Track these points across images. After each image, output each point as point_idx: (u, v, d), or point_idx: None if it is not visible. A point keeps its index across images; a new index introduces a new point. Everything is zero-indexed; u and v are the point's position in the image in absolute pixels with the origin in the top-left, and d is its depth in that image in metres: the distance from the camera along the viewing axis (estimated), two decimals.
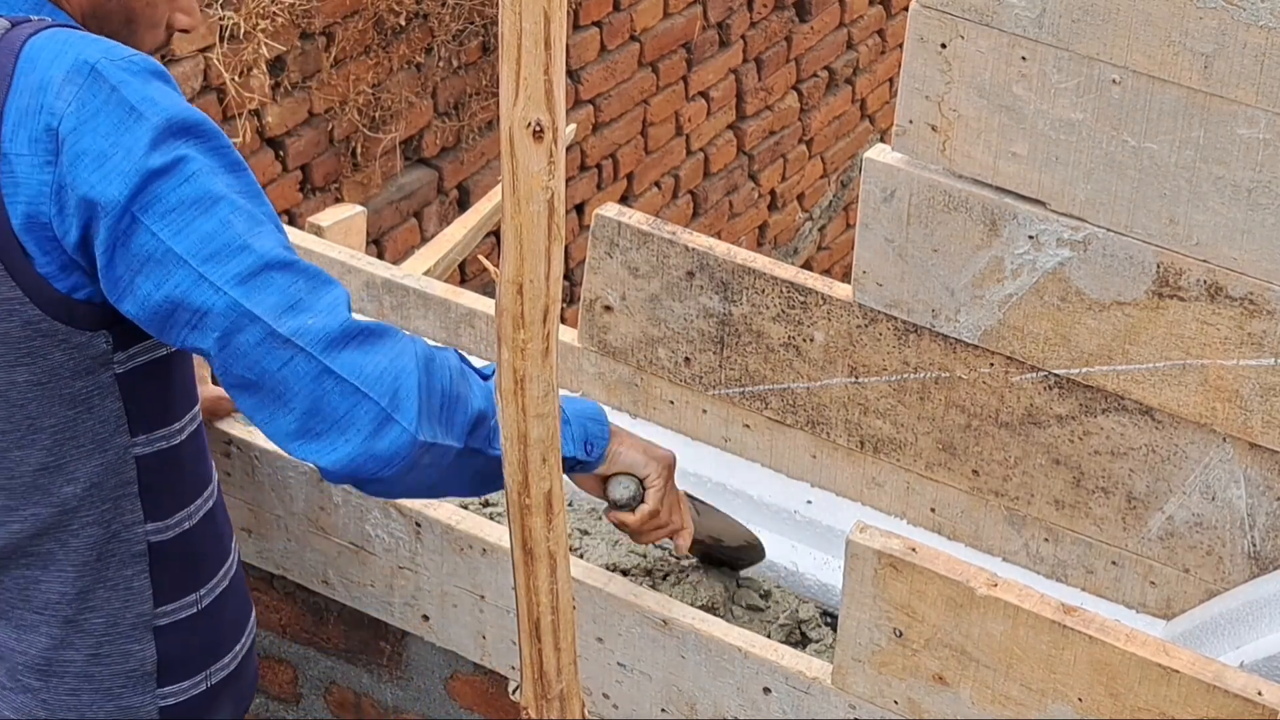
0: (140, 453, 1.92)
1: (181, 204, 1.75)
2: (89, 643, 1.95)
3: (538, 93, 1.62)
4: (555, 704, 2.03)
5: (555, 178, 1.68)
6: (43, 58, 1.75)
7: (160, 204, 1.74)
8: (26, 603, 1.94)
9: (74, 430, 1.87)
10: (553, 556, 1.94)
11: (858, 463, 2.52)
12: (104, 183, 1.73)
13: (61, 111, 1.73)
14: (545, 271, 1.73)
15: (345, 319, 1.78)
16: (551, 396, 1.83)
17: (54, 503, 1.89)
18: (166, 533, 1.97)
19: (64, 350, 1.83)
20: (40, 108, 1.74)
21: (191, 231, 1.75)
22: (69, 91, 1.74)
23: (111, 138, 1.73)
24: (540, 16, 1.59)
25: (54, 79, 1.74)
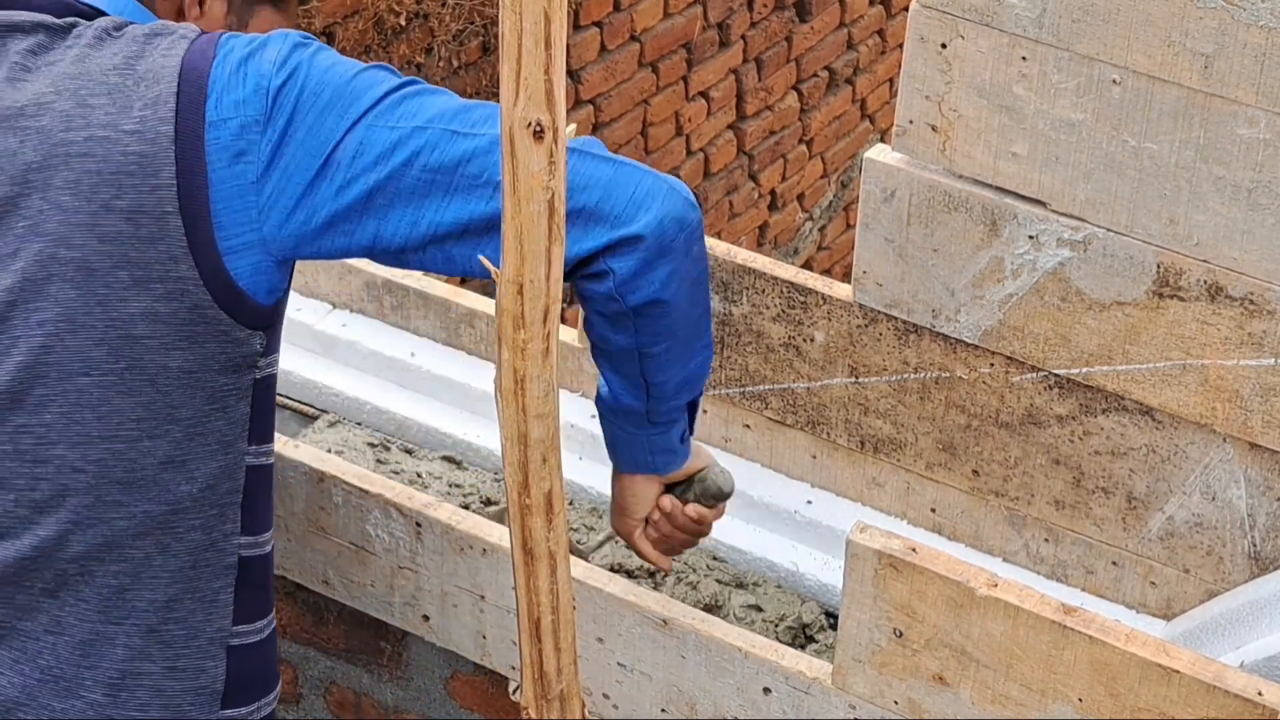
0: (251, 463, 1.94)
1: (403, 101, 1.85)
2: (167, 655, 1.94)
3: (538, 93, 1.62)
4: (555, 704, 2.03)
5: (556, 178, 1.68)
6: (239, 42, 1.84)
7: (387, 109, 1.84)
8: (105, 615, 1.91)
9: (205, 427, 1.88)
10: (553, 556, 1.94)
11: (858, 463, 2.52)
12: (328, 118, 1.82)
13: (269, 73, 1.81)
14: (546, 272, 1.73)
15: None
16: (552, 396, 1.83)
17: (168, 500, 1.89)
18: (255, 549, 1.98)
19: (219, 343, 1.84)
20: (245, 74, 1.81)
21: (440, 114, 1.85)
22: (270, 54, 1.82)
23: (328, 81, 1.83)
24: (540, 16, 1.59)
25: (254, 54, 1.82)
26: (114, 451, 1.86)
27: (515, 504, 1.92)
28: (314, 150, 1.81)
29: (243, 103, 1.80)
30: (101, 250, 1.79)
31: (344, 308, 2.82)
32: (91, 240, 1.79)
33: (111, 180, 1.78)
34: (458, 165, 1.83)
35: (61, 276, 1.80)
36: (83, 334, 1.81)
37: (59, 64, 1.83)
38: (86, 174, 1.78)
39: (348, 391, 2.74)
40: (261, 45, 1.83)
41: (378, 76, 1.85)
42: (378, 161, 1.82)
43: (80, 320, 1.81)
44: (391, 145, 1.82)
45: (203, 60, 1.81)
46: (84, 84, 1.81)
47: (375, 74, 1.85)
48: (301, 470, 2.31)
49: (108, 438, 1.85)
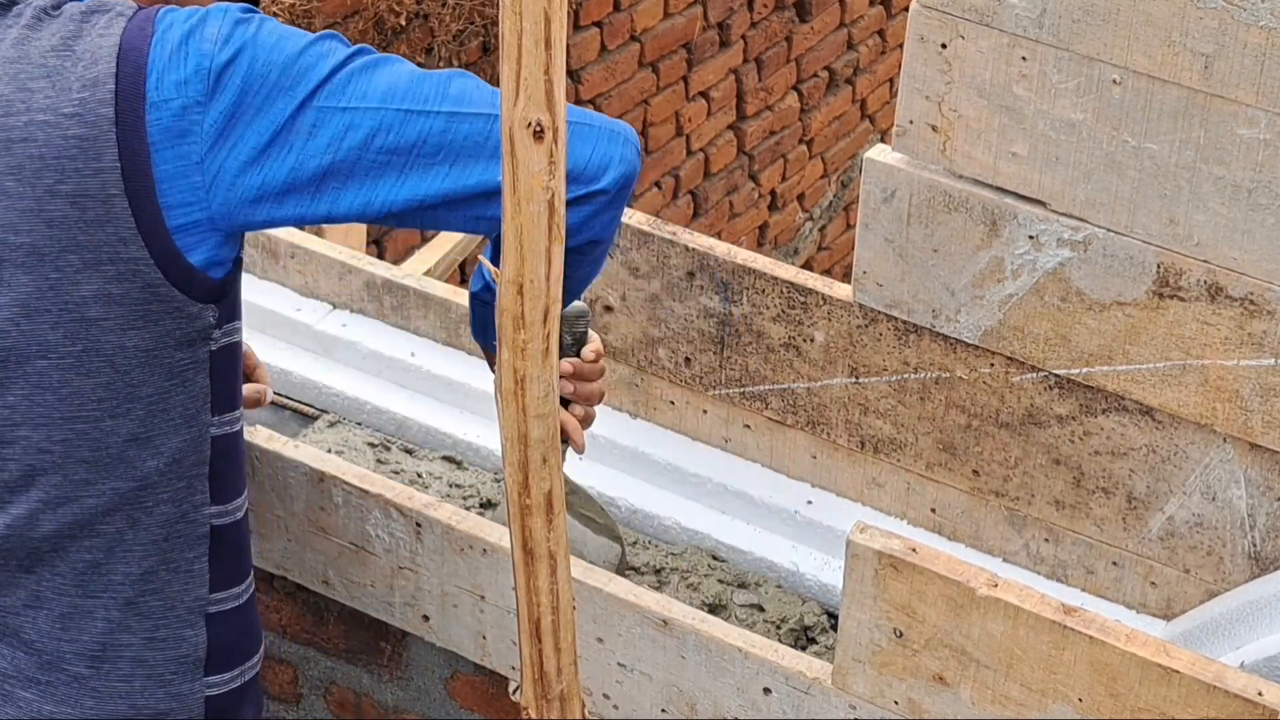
0: (215, 433, 1.94)
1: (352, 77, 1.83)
2: (146, 626, 1.96)
3: (538, 93, 1.62)
4: (555, 704, 2.03)
5: (556, 178, 1.68)
6: (179, 16, 1.81)
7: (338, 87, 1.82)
8: (81, 589, 1.93)
9: (167, 402, 1.88)
10: (553, 557, 1.94)
11: (858, 463, 2.52)
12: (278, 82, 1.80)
13: (210, 52, 1.79)
14: (545, 272, 1.73)
15: None
16: (551, 396, 1.83)
17: (135, 476, 1.90)
18: (226, 518, 1.99)
19: (174, 319, 1.84)
20: (186, 54, 1.79)
21: (408, 89, 1.83)
22: (210, 32, 1.79)
23: (279, 48, 1.81)
24: (540, 17, 1.59)
25: (194, 31, 1.80)
26: (78, 431, 1.87)
27: (515, 504, 1.92)
28: (262, 129, 1.80)
29: (184, 83, 1.78)
30: (49, 235, 1.79)
31: (344, 308, 2.82)
32: (39, 225, 1.79)
33: (54, 165, 1.78)
34: (413, 146, 1.83)
35: (13, 262, 1.80)
36: (37, 318, 1.82)
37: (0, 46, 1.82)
38: (29, 159, 1.78)
39: (348, 391, 2.74)
40: (201, 21, 1.81)
41: (325, 49, 1.83)
42: (330, 144, 1.81)
43: (34, 305, 1.81)
44: (344, 128, 1.81)
45: (141, 39, 1.80)
46: (23, 68, 1.79)
47: (322, 46, 1.84)
48: (302, 470, 2.31)
49: (71, 418, 1.86)
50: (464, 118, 1.83)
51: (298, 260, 2.83)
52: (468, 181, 1.85)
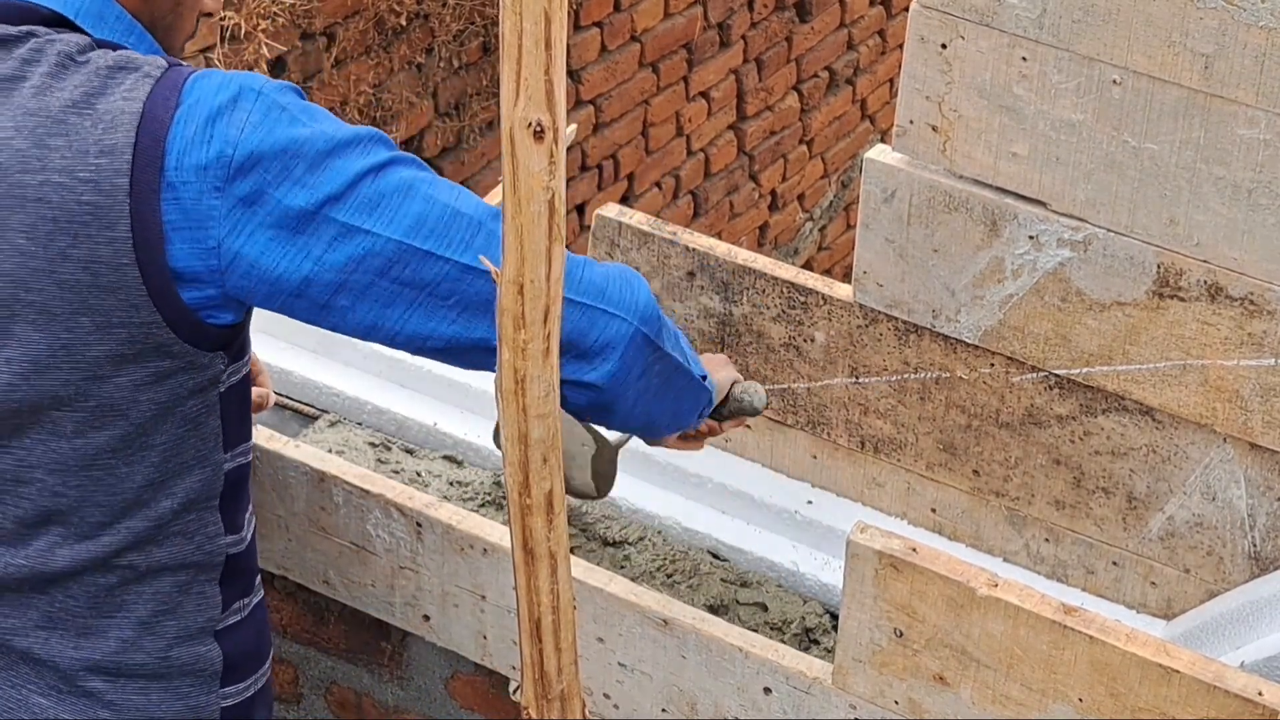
0: (228, 467, 1.94)
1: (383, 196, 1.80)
2: (160, 645, 1.96)
3: (538, 93, 1.63)
4: (556, 704, 2.03)
5: (556, 178, 1.68)
6: (205, 94, 1.76)
7: (361, 200, 1.80)
8: (95, 610, 1.93)
9: (181, 448, 1.88)
10: (553, 556, 1.94)
11: (858, 463, 2.52)
12: (292, 190, 1.77)
13: (235, 139, 1.74)
14: (546, 272, 1.73)
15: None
16: (552, 396, 1.83)
17: (151, 517, 1.90)
18: (241, 544, 2.00)
19: (187, 373, 1.83)
20: (210, 137, 1.75)
21: (419, 222, 1.81)
22: (239, 118, 1.75)
23: (291, 149, 1.77)
24: (541, 17, 1.59)
25: (219, 111, 1.76)
26: (93, 478, 1.87)
27: (516, 504, 1.92)
28: (282, 228, 1.77)
29: (205, 169, 1.75)
30: (61, 296, 1.77)
31: None
32: (50, 286, 1.77)
33: (67, 228, 1.75)
34: (427, 285, 1.82)
35: (24, 319, 1.78)
36: (50, 374, 1.80)
37: (17, 92, 1.77)
38: (42, 220, 1.75)
39: (348, 391, 2.74)
40: (232, 102, 1.76)
41: (362, 149, 1.79)
42: (348, 264, 1.79)
43: (45, 362, 1.80)
44: (365, 252, 1.79)
45: (164, 109, 1.75)
46: (42, 121, 1.76)
47: (360, 146, 1.79)
48: (302, 470, 2.31)
49: (86, 466, 1.86)
50: (483, 274, 1.82)
51: None
52: (473, 334, 1.85)
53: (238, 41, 4.66)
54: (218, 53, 4.60)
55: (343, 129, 1.80)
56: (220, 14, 4.57)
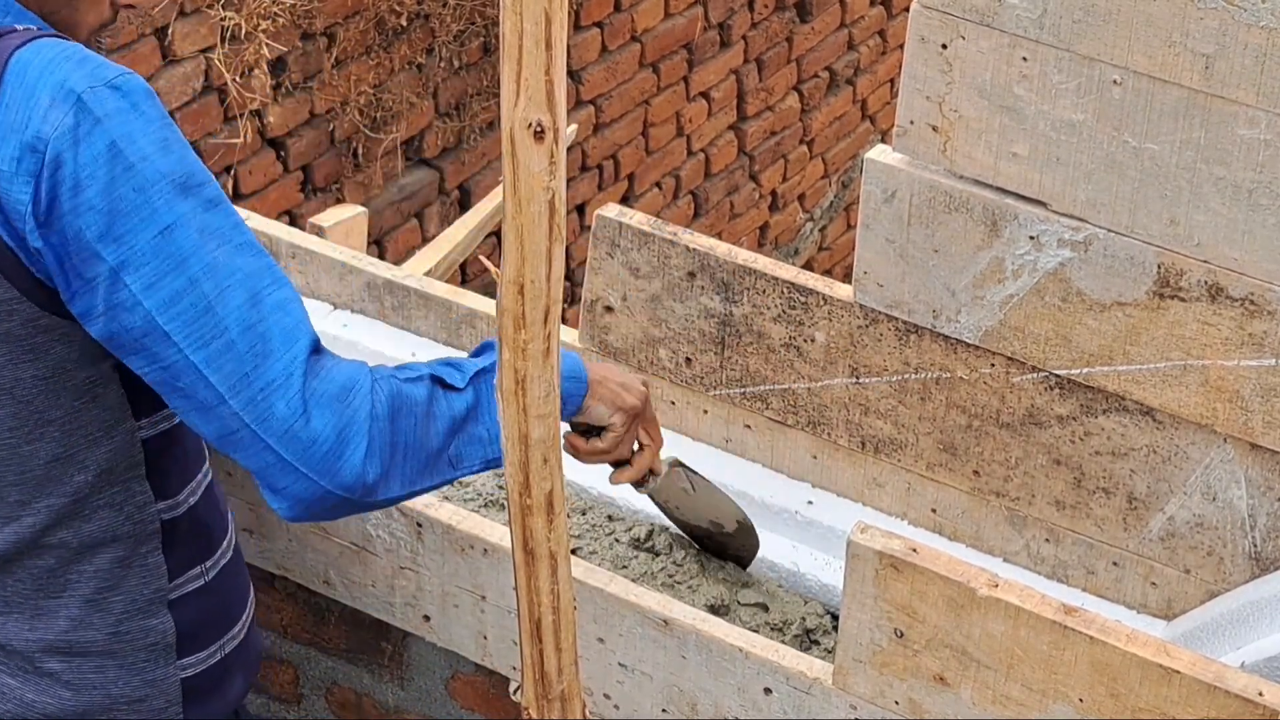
0: (146, 435, 1.94)
1: (159, 266, 1.75)
2: (109, 621, 1.97)
3: (539, 93, 1.63)
4: (556, 704, 2.03)
5: (556, 178, 1.68)
6: (30, 73, 1.74)
7: (140, 265, 1.75)
8: (41, 591, 1.95)
9: (82, 420, 1.88)
10: (554, 557, 1.94)
11: (859, 463, 2.52)
12: (85, 222, 1.74)
13: (48, 136, 1.72)
14: (546, 272, 1.73)
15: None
16: (552, 397, 1.83)
17: (67, 492, 1.90)
18: (177, 509, 1.99)
19: (66, 344, 1.83)
20: (25, 124, 1.73)
21: (172, 302, 1.76)
22: (54, 117, 1.73)
23: (96, 178, 1.73)
24: (541, 17, 1.59)
25: (40, 101, 1.73)
26: (0, 460, 1.87)
27: (516, 504, 1.92)
28: (80, 256, 1.75)
29: (17, 159, 1.72)
30: None
31: (345, 308, 2.82)
32: None
33: None
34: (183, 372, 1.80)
35: None
36: None
37: None
38: None
39: None
40: (62, 84, 1.72)
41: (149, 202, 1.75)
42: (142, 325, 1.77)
43: None
44: (145, 327, 1.77)
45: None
46: None
47: (150, 198, 1.75)
48: None
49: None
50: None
51: (299, 260, 2.83)
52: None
53: (238, 41, 4.66)
54: (218, 53, 4.60)
55: (154, 170, 1.75)
56: (221, 15, 4.57)
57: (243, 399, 1.79)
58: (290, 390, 1.79)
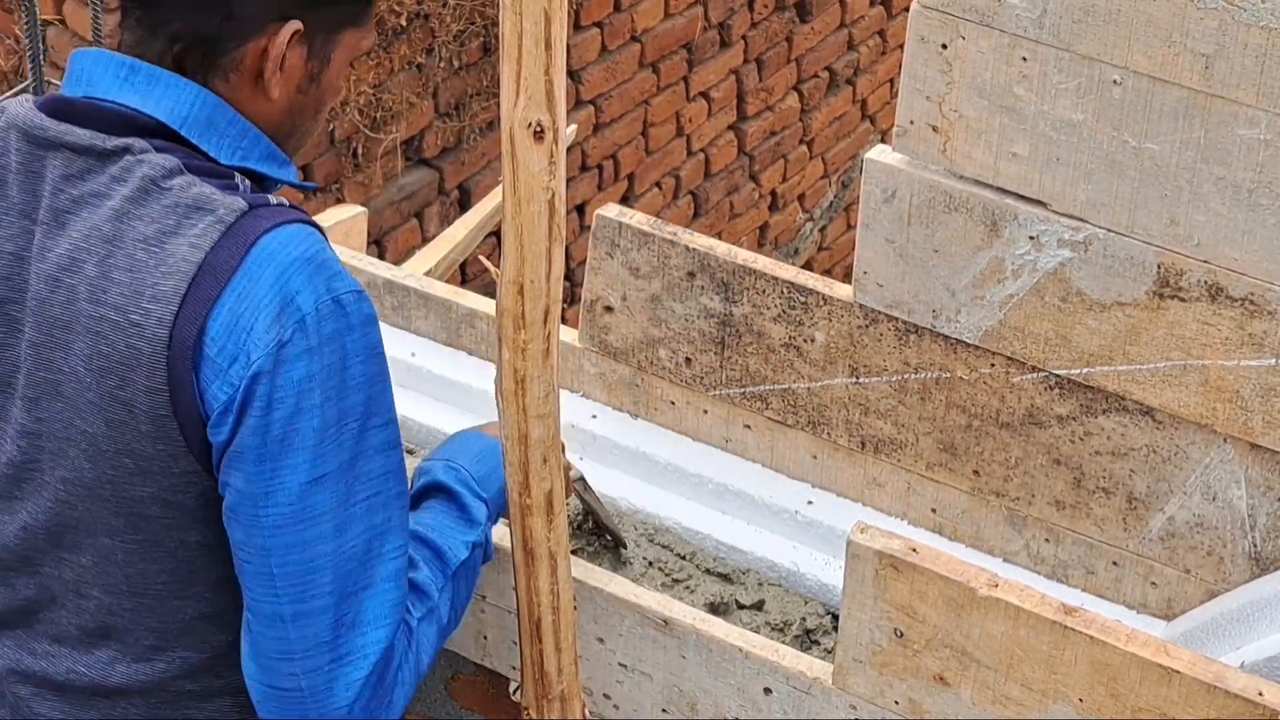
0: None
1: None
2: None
3: (538, 93, 1.63)
4: (556, 704, 2.03)
5: (556, 178, 1.68)
6: (268, 270, 1.73)
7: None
8: (155, 716, 1.92)
9: (233, 583, 1.85)
10: (553, 557, 1.94)
11: (858, 463, 2.52)
12: (255, 440, 1.74)
13: (261, 350, 1.72)
14: (546, 272, 1.73)
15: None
16: (552, 397, 1.83)
17: (206, 649, 1.89)
18: None
19: None
20: (249, 328, 1.72)
21: (288, 550, 1.77)
22: (275, 332, 1.72)
23: (284, 403, 1.73)
24: (541, 17, 1.59)
25: (268, 306, 1.72)
26: (145, 605, 1.86)
27: (515, 504, 1.92)
28: (258, 473, 1.75)
29: (226, 365, 1.73)
30: (108, 435, 1.77)
31: None
32: (99, 422, 1.77)
33: (118, 368, 1.74)
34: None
35: (77, 445, 1.79)
36: (99, 504, 1.81)
37: (98, 211, 1.76)
38: (98, 354, 1.75)
39: None
40: (292, 296, 1.73)
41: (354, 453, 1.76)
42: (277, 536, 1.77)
43: (95, 491, 1.80)
44: (251, 552, 1.77)
45: (224, 268, 1.73)
46: (113, 250, 1.74)
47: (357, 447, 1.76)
48: None
49: (137, 593, 1.85)
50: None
51: None
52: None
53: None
54: None
55: (357, 396, 1.77)
56: None
57: (311, 661, 1.79)
58: (357, 671, 1.80)
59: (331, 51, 1.86)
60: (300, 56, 1.83)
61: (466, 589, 2.00)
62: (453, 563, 1.96)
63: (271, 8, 1.79)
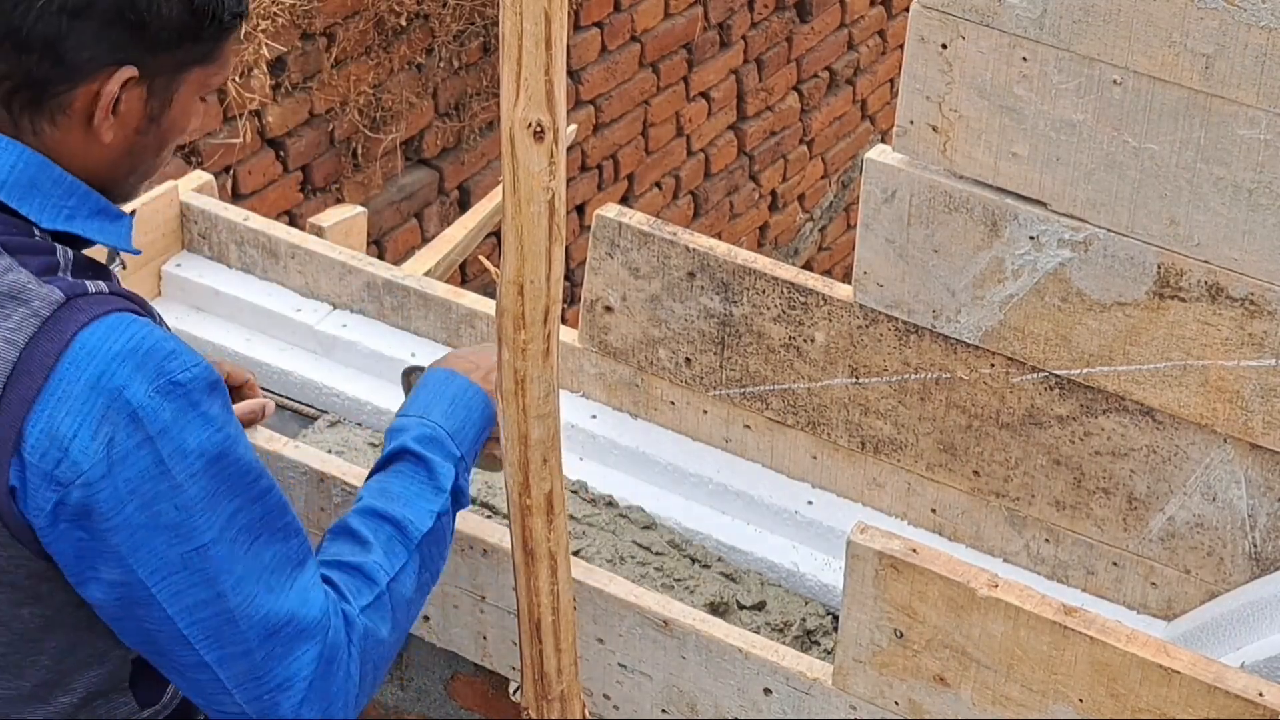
0: (134, 655, 1.89)
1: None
2: None
3: (538, 93, 1.63)
4: (556, 704, 2.03)
5: (556, 178, 1.68)
6: (89, 367, 1.67)
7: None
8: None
9: (75, 649, 1.83)
10: (553, 557, 1.94)
11: (858, 463, 2.52)
12: (118, 538, 1.71)
13: (90, 458, 1.67)
14: (546, 272, 1.73)
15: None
16: (552, 397, 1.83)
17: (51, 712, 1.86)
18: (163, 711, 1.96)
19: (69, 591, 1.78)
20: (73, 433, 1.67)
21: (195, 610, 1.75)
22: (103, 432, 1.67)
23: (137, 495, 1.69)
24: (541, 17, 1.59)
25: (93, 407, 1.66)
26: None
27: (516, 505, 1.92)
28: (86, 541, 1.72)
29: (46, 476, 1.67)
30: None
31: (344, 308, 2.82)
32: None
33: None
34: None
35: None
36: None
37: None
38: None
39: (348, 392, 2.74)
40: (119, 392, 1.66)
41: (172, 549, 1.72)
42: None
43: None
44: (160, 624, 1.75)
45: (40, 368, 1.65)
46: None
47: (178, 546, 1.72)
48: (302, 471, 2.31)
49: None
50: None
51: (298, 260, 2.83)
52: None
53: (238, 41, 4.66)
54: None
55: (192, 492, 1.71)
56: None
57: (248, 692, 1.78)
58: (296, 689, 1.79)
59: (175, 92, 1.78)
60: (139, 99, 1.75)
61: (438, 554, 1.98)
62: (415, 536, 1.94)
63: (104, 53, 1.71)
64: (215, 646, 1.76)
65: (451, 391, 2.06)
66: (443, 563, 2.00)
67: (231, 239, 2.87)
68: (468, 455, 2.03)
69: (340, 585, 1.87)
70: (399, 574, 1.91)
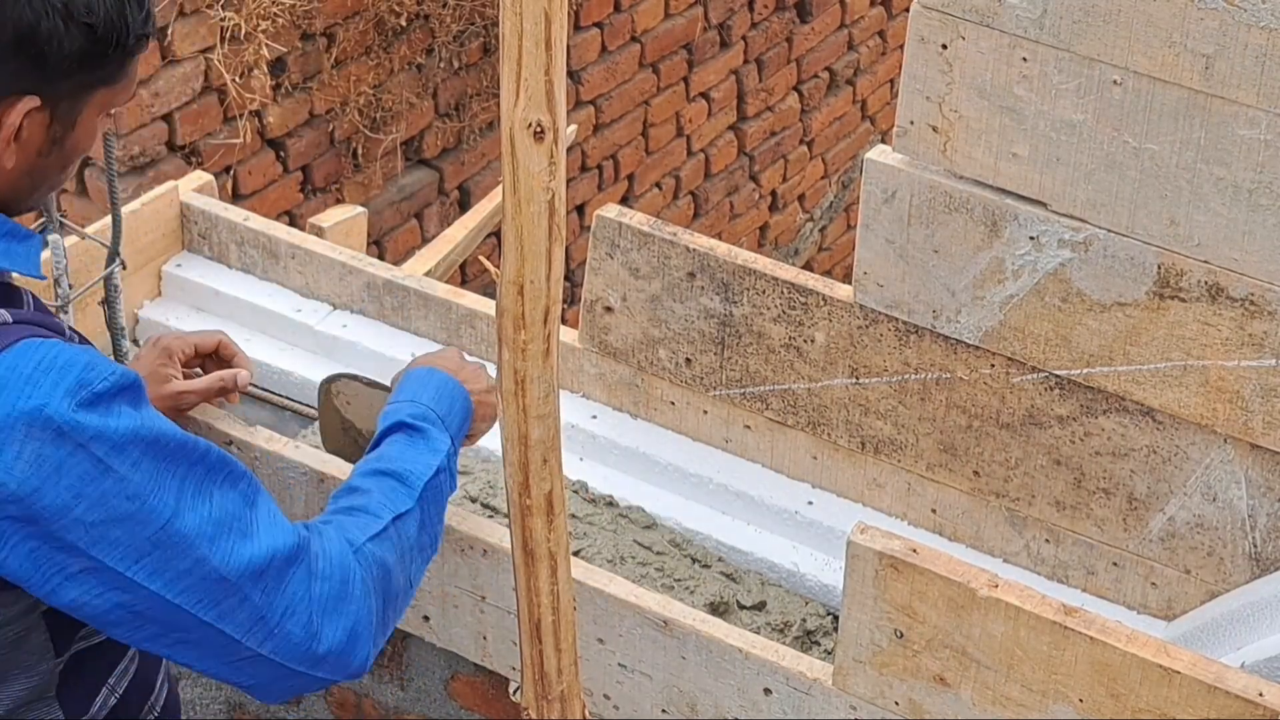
0: (62, 667, 1.89)
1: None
2: None
3: (538, 94, 1.63)
4: (556, 704, 2.03)
5: (556, 178, 1.68)
6: (7, 391, 1.68)
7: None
8: None
9: (3, 666, 1.83)
10: (553, 557, 1.94)
11: (859, 463, 2.52)
12: (75, 536, 1.72)
13: (28, 486, 1.68)
14: (546, 272, 1.73)
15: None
16: (552, 397, 1.83)
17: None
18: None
19: (1, 609, 1.79)
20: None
21: (181, 578, 1.76)
22: (29, 451, 1.68)
23: (84, 497, 1.70)
24: (541, 17, 1.59)
25: (14, 432, 1.67)
26: None
27: (516, 505, 1.92)
28: (43, 544, 1.72)
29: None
30: None
31: (345, 308, 2.82)
32: None
33: None
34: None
35: None
36: None
37: None
38: None
39: None
40: (39, 410, 1.67)
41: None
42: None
43: None
44: (150, 603, 1.76)
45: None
46: None
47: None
48: (302, 471, 2.31)
49: None
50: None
51: (298, 261, 2.83)
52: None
53: (238, 42, 4.66)
54: (218, 53, 4.60)
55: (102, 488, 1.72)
56: (221, 15, 4.57)
57: (258, 636, 1.80)
58: (300, 611, 1.81)
59: (79, 114, 1.78)
60: (41, 125, 1.75)
61: (436, 515, 2.01)
62: (417, 485, 1.97)
63: (4, 84, 1.71)
64: (212, 605, 1.77)
65: (435, 381, 2.11)
66: (440, 527, 2.02)
67: (232, 239, 2.87)
68: (455, 439, 2.07)
69: (345, 525, 1.90)
70: (404, 515, 1.94)
